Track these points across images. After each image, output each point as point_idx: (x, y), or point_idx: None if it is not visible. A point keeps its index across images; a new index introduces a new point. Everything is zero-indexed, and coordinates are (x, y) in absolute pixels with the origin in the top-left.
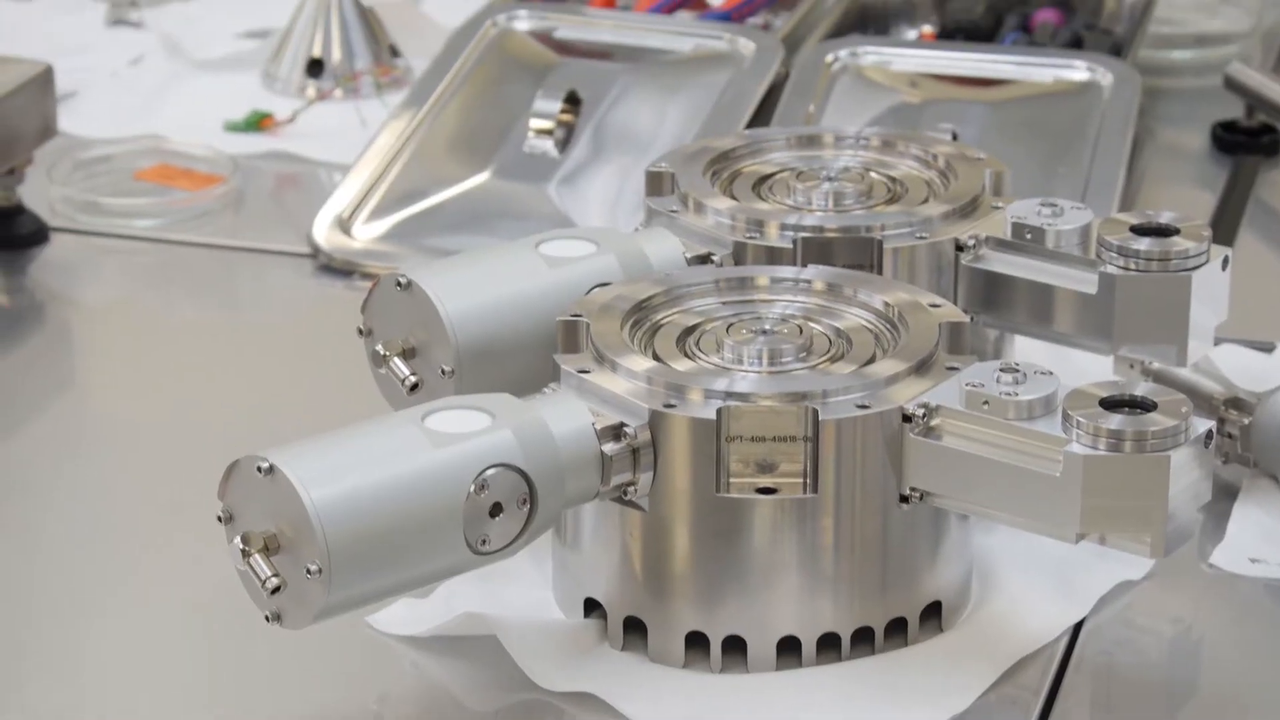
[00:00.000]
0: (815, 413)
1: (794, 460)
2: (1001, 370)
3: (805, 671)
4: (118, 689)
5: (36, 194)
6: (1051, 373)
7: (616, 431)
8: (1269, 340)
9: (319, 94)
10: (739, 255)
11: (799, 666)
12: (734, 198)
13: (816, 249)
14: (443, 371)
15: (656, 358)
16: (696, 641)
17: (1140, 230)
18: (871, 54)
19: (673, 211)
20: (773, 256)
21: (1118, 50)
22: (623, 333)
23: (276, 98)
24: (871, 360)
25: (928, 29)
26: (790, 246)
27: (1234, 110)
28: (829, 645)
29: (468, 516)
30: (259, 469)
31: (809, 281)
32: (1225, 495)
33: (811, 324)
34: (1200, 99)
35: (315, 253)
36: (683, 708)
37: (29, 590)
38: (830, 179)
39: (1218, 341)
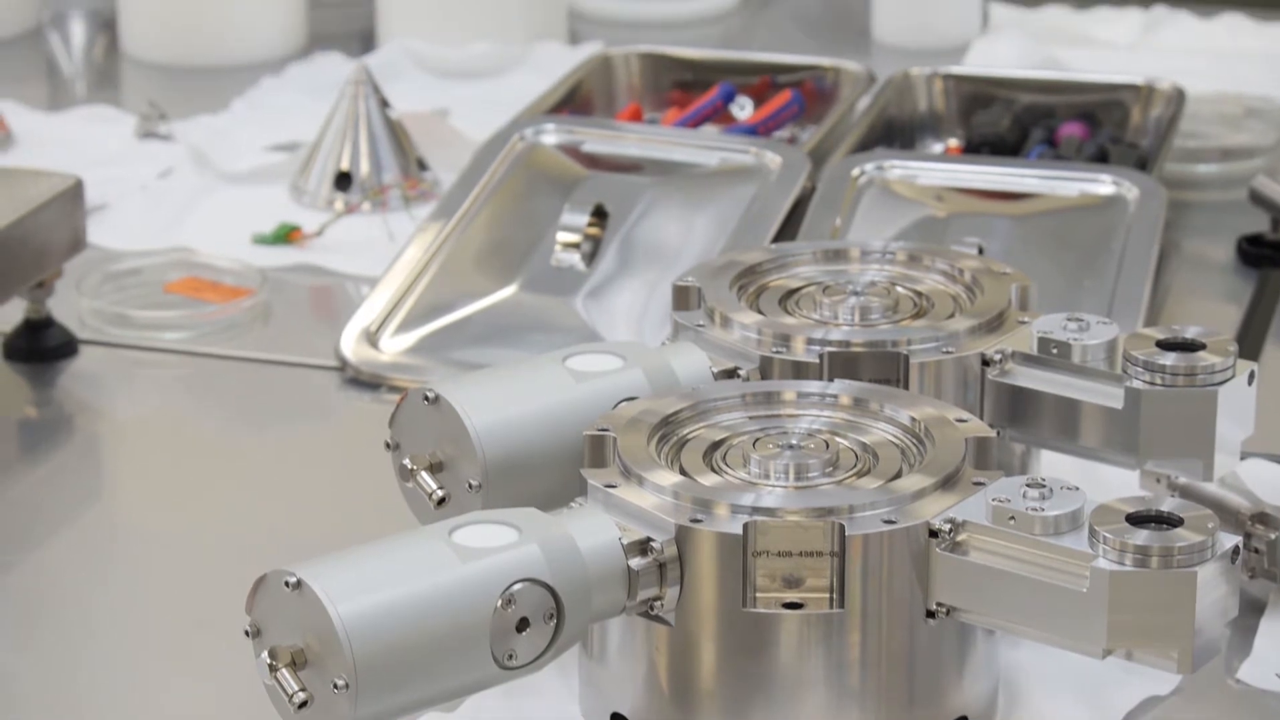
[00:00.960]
0: (842, 528)
1: (820, 575)
2: (1028, 485)
3: None
4: None
5: (66, 306)
6: (1078, 488)
7: (643, 546)
8: None
9: (347, 207)
10: (766, 370)
11: None
12: (760, 312)
13: (843, 364)
14: (470, 485)
15: (683, 472)
16: None
17: (1166, 345)
18: (897, 168)
19: (699, 326)
20: (799, 371)
21: (1143, 164)
22: (649, 447)
23: (305, 211)
24: (898, 475)
25: (953, 143)
26: (817, 361)
27: (1259, 224)
28: None
29: (494, 631)
30: (286, 583)
31: (835, 396)
32: (1252, 610)
33: (838, 439)
34: (1225, 212)
35: (343, 366)
36: None
37: (58, 702)
38: (856, 293)
39: (1244, 456)
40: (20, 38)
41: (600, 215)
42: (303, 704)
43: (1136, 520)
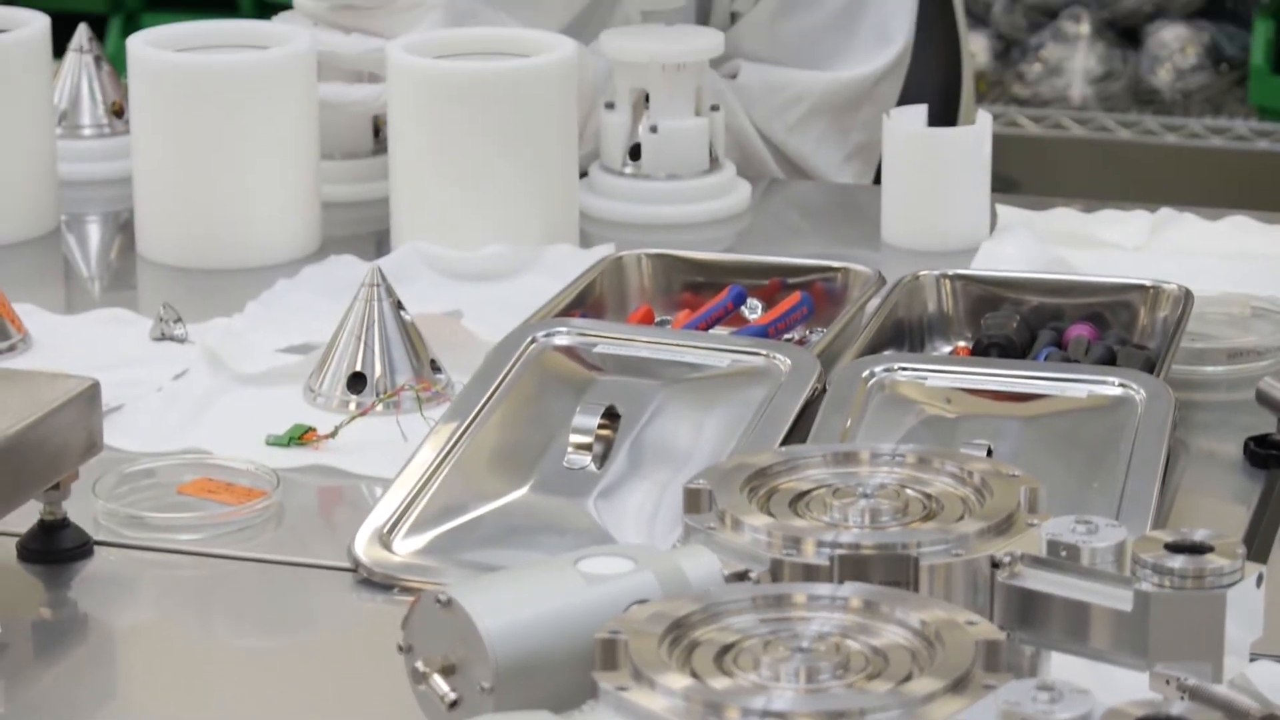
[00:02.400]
0: None
1: None
2: (1038, 688)
3: None
4: None
5: (81, 508)
6: (1088, 690)
7: None
8: None
9: (360, 409)
10: (776, 572)
11: None
12: (771, 515)
13: (853, 566)
14: (481, 688)
15: (694, 675)
16: None
17: (1174, 548)
18: (907, 370)
19: (710, 528)
20: (810, 573)
21: (1151, 365)
22: (660, 650)
23: (318, 412)
24: (908, 678)
25: (962, 344)
26: (827, 564)
27: (1267, 424)
28: None
29: None
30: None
31: (846, 599)
32: None
33: (849, 641)
34: (1233, 413)
35: (356, 567)
36: None
37: None
38: (866, 496)
39: (1253, 658)
40: (38, 240)
41: (612, 417)
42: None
43: None
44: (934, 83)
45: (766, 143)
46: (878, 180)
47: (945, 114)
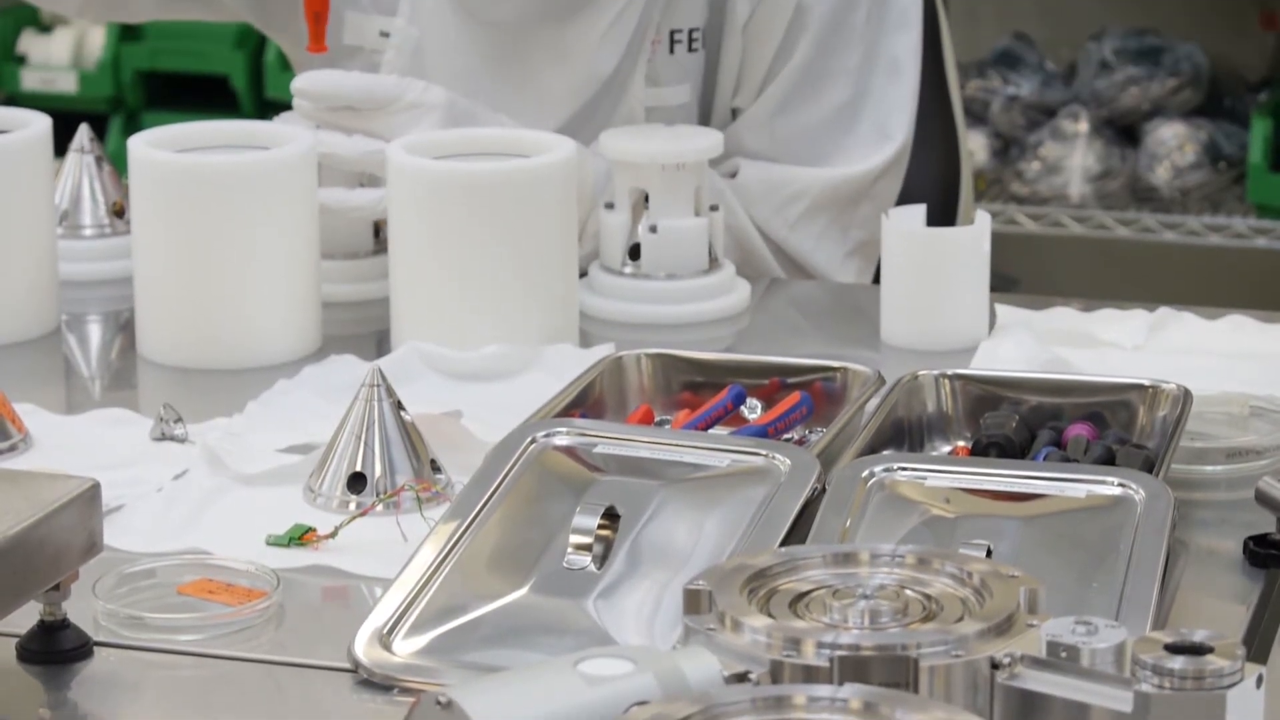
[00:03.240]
0: None
1: None
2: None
3: None
4: None
5: (81, 609)
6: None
7: None
8: None
9: (360, 509)
10: (776, 673)
11: None
12: (771, 615)
13: (853, 667)
14: None
15: None
16: None
17: (1174, 649)
18: (906, 470)
19: (710, 629)
20: (810, 675)
21: (1150, 465)
22: None
23: (318, 512)
24: None
25: (962, 444)
26: (827, 665)
27: (1266, 524)
28: None
29: None
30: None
31: (845, 700)
32: None
33: None
34: (1232, 512)
35: (356, 668)
36: None
37: None
38: (866, 597)
39: None
40: (39, 340)
41: (612, 517)
42: None
43: None
44: (933, 180)
45: (767, 241)
46: (879, 278)
47: (944, 211)
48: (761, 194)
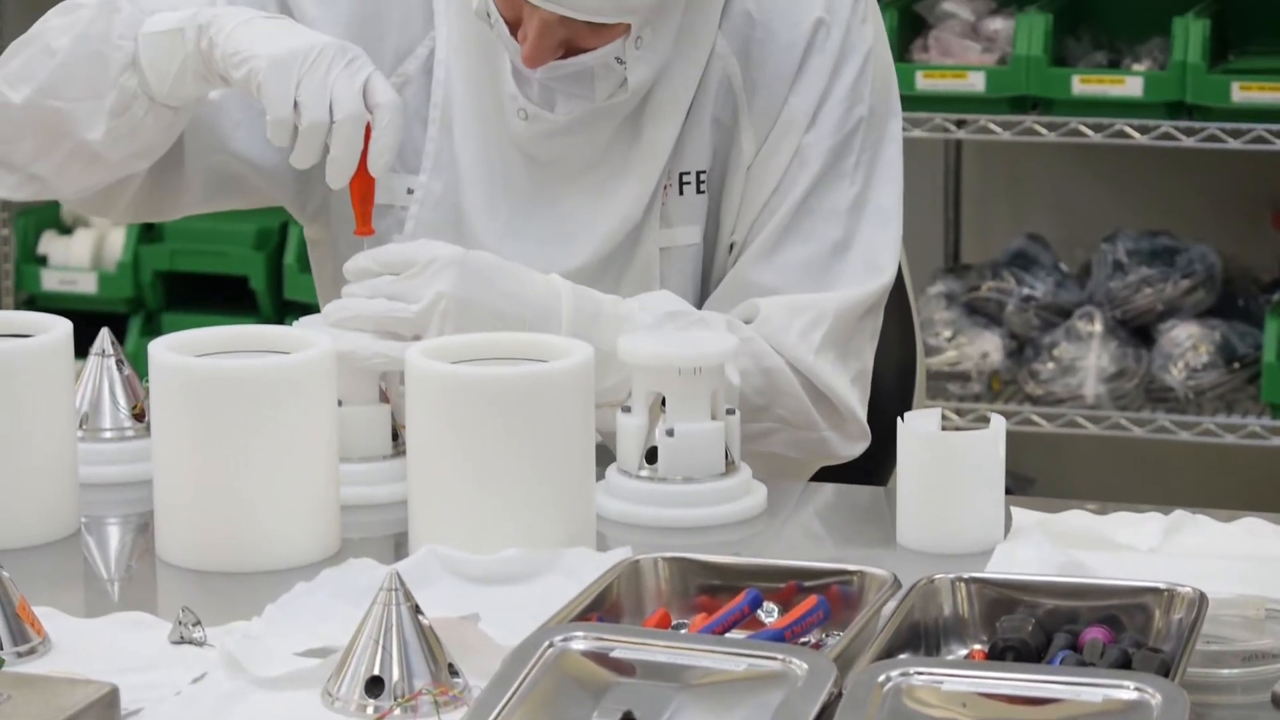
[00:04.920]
0: None
1: None
2: None
3: None
4: None
5: None
6: None
7: None
8: None
9: (379, 713)
10: None
11: None
12: None
13: None
14: None
15: None
16: None
17: None
18: (923, 674)
19: None
20: None
21: (1166, 669)
22: None
23: (337, 716)
24: None
25: (978, 648)
26: None
27: None
28: None
29: None
30: None
31: None
32: None
33: None
34: (1249, 716)
35: None
36: None
37: None
38: None
39: None
40: (58, 543)
41: None
42: None
43: None
44: (891, 361)
45: (797, 374)
46: (885, 468)
47: (901, 391)
48: (784, 324)
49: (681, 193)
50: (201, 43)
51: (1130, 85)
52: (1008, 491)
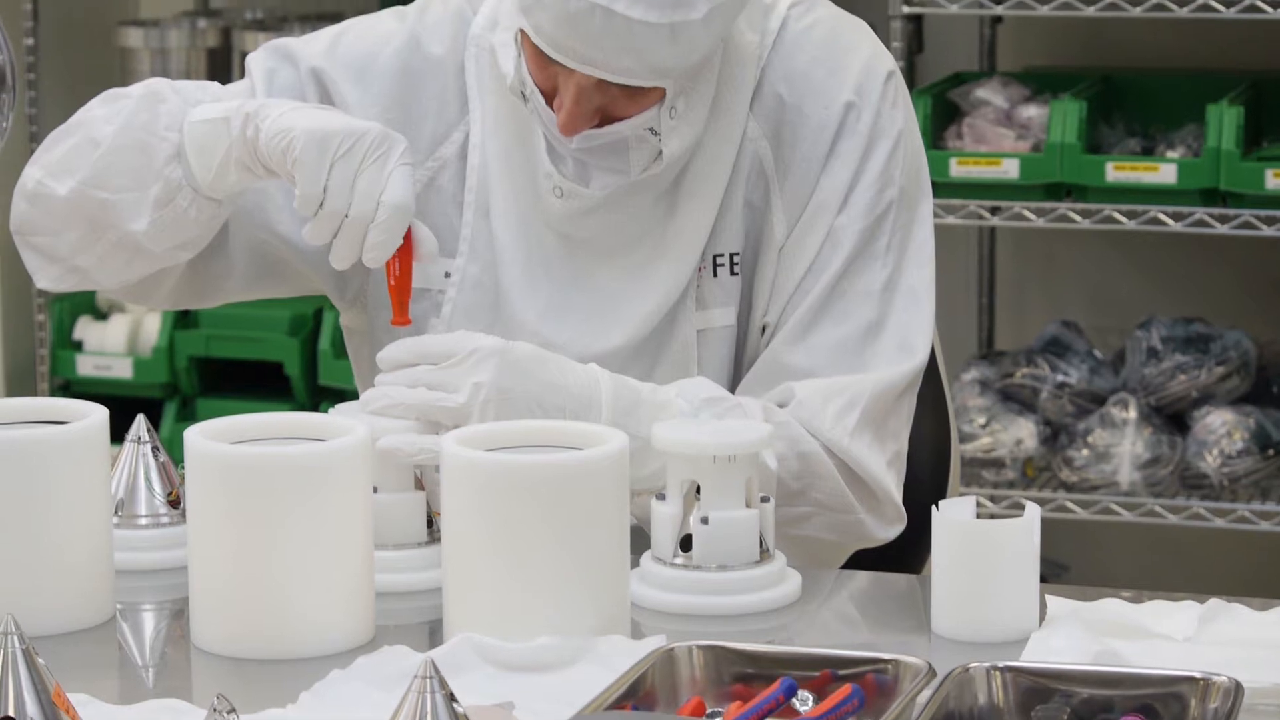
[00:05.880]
0: None
1: None
2: None
3: None
4: None
5: None
6: None
7: None
8: None
9: None
10: None
11: None
12: None
13: None
14: None
15: None
16: None
17: None
18: None
19: None
20: None
21: None
22: None
23: None
24: None
25: None
26: None
27: None
28: None
29: None
30: None
31: None
32: None
33: None
34: None
35: None
36: None
37: None
38: None
39: None
40: (93, 630)
41: None
42: None
43: None
44: (926, 444)
45: (833, 457)
46: (919, 555)
47: (936, 477)
48: (819, 407)
49: (715, 275)
50: (247, 130)
51: (1164, 172)
52: (1042, 579)
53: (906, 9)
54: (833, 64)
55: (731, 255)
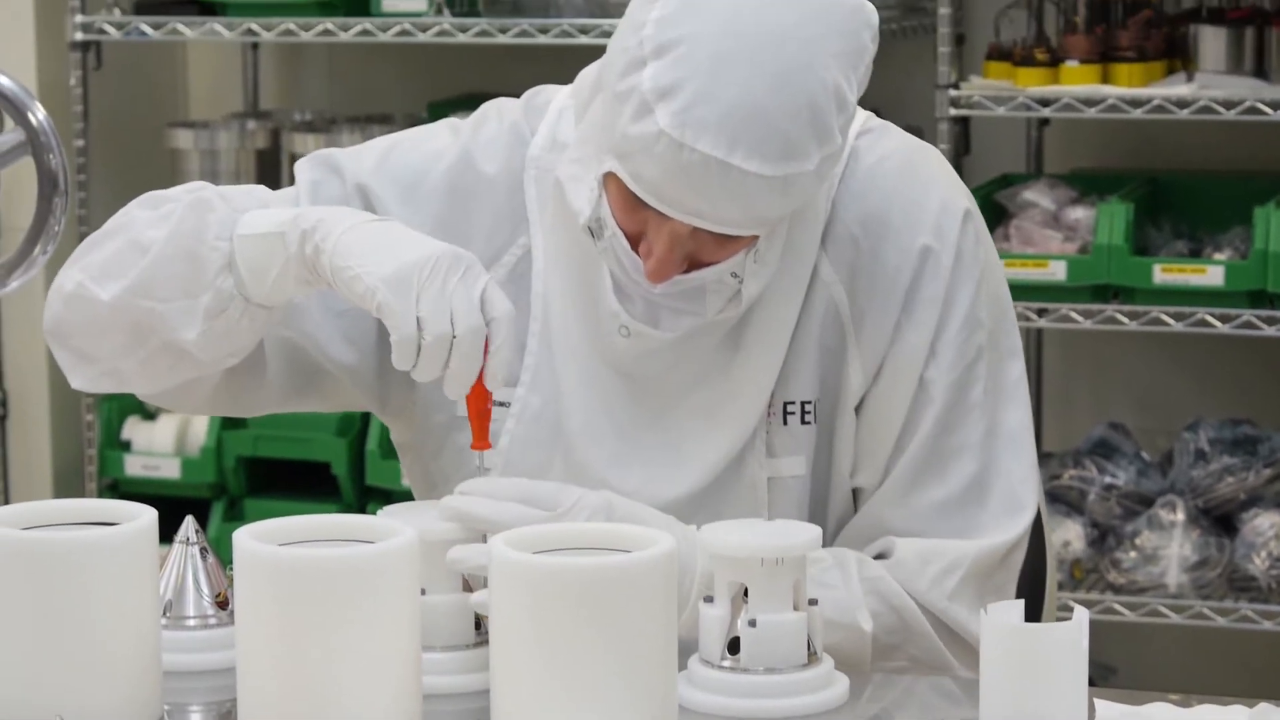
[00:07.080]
0: None
1: None
2: None
3: None
4: None
5: None
6: None
7: None
8: None
9: None
10: None
11: None
12: None
13: None
14: None
15: None
16: None
17: None
18: None
19: None
20: None
21: None
22: None
23: None
24: None
25: None
26: None
27: None
28: None
29: None
30: None
31: None
32: None
33: None
34: None
35: None
36: None
37: None
38: None
39: None
40: None
41: None
42: None
43: None
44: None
45: (927, 614)
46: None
47: (1032, 597)
48: (918, 568)
49: (785, 423)
50: (306, 248)
51: (1211, 274)
52: (1090, 682)
53: (954, 111)
54: (908, 204)
55: (803, 403)
